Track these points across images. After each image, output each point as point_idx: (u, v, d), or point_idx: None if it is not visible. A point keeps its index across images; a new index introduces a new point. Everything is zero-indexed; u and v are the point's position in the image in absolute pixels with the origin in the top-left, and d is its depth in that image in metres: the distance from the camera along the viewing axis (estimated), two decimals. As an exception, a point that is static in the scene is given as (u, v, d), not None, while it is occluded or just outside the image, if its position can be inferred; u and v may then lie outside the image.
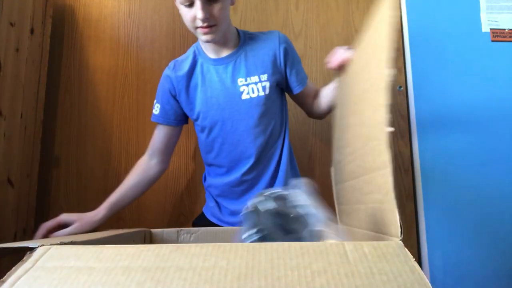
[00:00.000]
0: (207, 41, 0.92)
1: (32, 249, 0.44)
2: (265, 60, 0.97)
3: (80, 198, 1.37)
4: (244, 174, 1.00)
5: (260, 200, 0.61)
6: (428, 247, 1.35)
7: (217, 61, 0.98)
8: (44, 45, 1.35)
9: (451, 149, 1.41)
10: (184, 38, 1.48)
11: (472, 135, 1.42)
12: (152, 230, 0.88)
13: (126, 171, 1.39)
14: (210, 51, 0.99)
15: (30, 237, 1.28)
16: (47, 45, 1.37)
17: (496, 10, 1.49)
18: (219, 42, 0.96)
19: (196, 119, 1.02)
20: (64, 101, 1.42)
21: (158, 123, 1.04)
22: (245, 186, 1.01)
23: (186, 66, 1.00)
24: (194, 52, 1.02)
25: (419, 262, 1.40)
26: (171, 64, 1.04)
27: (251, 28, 1.49)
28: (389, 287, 0.36)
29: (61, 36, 1.45)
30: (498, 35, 1.47)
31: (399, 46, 1.51)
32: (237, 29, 1.03)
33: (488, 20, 1.48)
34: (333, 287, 0.36)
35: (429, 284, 0.37)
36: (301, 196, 0.60)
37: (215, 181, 1.06)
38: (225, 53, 0.98)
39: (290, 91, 1.04)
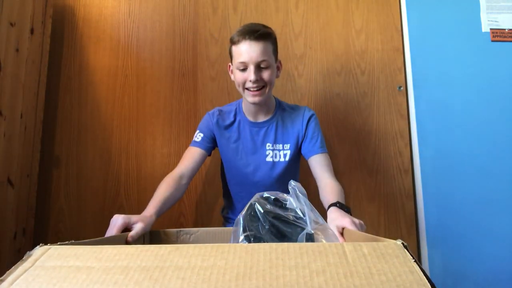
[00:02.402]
0: (254, 103, 1.06)
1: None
2: (289, 133, 1.14)
3: (80, 198, 1.37)
4: None
5: (259, 202, 0.61)
6: (428, 247, 1.35)
7: (253, 124, 1.15)
8: (44, 45, 1.35)
9: (451, 149, 1.41)
10: (184, 38, 1.48)
11: (472, 135, 1.42)
12: (151, 230, 0.88)
13: (126, 171, 1.40)
14: (249, 114, 1.15)
15: (30, 237, 1.28)
16: (47, 45, 1.37)
17: (496, 10, 1.49)
18: (261, 106, 1.10)
19: (223, 158, 1.19)
20: (64, 101, 1.42)
21: (198, 148, 1.13)
22: None
23: (228, 120, 1.16)
24: (236, 110, 1.18)
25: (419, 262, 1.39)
26: (216, 111, 1.18)
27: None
28: (388, 287, 0.36)
29: (61, 36, 1.45)
30: (498, 35, 1.47)
31: (399, 46, 1.51)
32: (275, 98, 1.18)
33: (488, 20, 1.48)
34: (331, 286, 0.36)
35: (429, 284, 0.36)
36: (297, 200, 0.61)
37: (234, 216, 1.18)
38: (261, 118, 1.15)
39: (303, 155, 1.15)
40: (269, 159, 1.13)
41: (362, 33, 1.52)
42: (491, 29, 1.47)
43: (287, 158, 1.13)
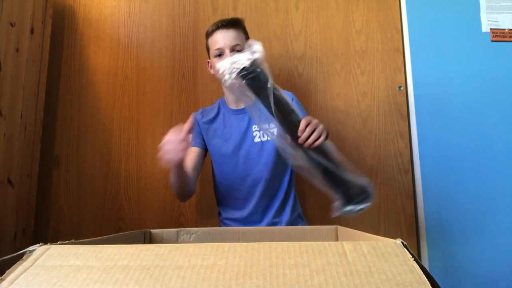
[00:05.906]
0: None
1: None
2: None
3: (80, 198, 1.37)
4: (256, 205, 1.14)
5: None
6: (428, 247, 1.35)
7: (237, 112, 1.19)
8: (44, 45, 1.35)
9: (451, 149, 1.41)
10: (184, 38, 1.48)
11: (472, 135, 1.42)
12: (151, 230, 0.88)
13: (127, 171, 1.40)
14: (231, 103, 1.20)
15: (30, 237, 1.28)
16: (47, 45, 1.37)
17: (496, 10, 1.49)
18: None
19: (212, 153, 1.19)
20: (64, 101, 1.42)
21: (192, 147, 1.16)
22: (256, 217, 1.15)
23: (211, 114, 1.22)
24: (219, 104, 1.23)
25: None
26: (200, 110, 1.25)
27: (250, 28, 1.49)
28: (388, 286, 0.36)
29: (61, 36, 1.45)
30: (498, 35, 1.47)
31: (399, 46, 1.51)
32: None
33: (488, 20, 1.48)
34: (331, 285, 0.36)
35: (428, 283, 0.37)
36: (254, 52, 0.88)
37: (230, 215, 1.19)
38: (243, 104, 1.15)
39: None
40: (257, 139, 1.15)
41: (362, 33, 1.52)
42: (491, 29, 1.47)
43: (274, 136, 1.11)
